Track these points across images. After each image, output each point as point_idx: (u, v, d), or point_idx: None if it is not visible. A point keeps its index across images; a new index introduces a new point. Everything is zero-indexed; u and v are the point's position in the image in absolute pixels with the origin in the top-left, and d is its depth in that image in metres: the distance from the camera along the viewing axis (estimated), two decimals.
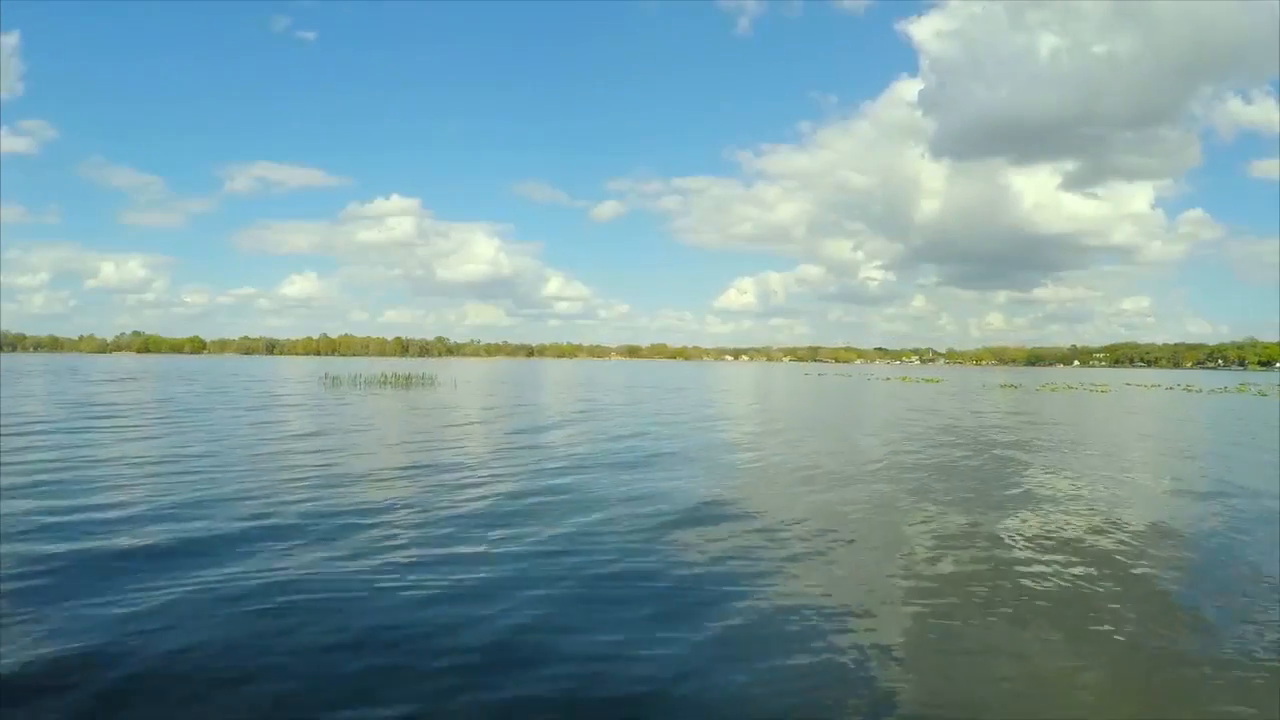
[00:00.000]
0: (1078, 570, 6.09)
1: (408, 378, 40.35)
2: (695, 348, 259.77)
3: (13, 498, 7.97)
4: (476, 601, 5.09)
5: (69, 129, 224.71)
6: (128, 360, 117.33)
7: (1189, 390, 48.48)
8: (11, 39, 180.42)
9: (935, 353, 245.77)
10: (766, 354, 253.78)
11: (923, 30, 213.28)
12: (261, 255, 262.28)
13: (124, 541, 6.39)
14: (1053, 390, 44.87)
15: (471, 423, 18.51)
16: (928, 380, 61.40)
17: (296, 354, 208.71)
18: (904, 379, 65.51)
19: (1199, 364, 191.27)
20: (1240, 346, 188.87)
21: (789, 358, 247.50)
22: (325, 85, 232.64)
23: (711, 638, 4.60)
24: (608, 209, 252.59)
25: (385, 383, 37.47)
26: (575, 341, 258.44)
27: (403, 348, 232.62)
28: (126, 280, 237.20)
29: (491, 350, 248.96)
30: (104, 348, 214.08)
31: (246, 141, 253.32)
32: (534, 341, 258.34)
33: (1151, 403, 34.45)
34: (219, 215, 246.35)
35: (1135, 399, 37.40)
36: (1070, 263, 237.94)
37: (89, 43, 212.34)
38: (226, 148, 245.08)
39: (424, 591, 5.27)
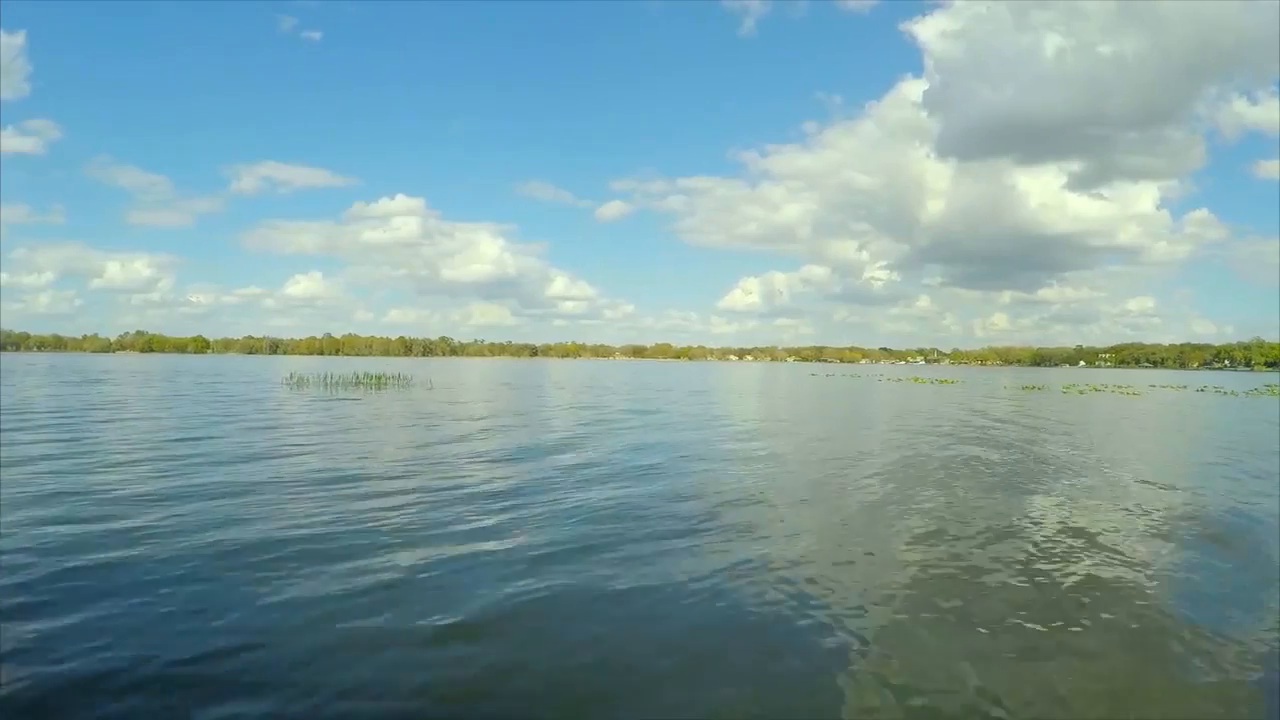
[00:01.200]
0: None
1: (380, 378, 37.91)
2: (700, 347, 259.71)
3: None
4: None
5: (75, 129, 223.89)
6: (122, 359, 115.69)
7: (1220, 392, 46.52)
8: (17, 39, 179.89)
9: (940, 353, 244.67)
10: (771, 354, 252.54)
11: (927, 30, 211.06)
12: (267, 255, 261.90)
13: None
14: (1080, 393, 42.89)
15: (416, 454, 12.34)
16: (943, 381, 59.45)
17: (300, 354, 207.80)
18: (916, 379, 63.49)
19: (1205, 364, 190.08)
20: (1246, 347, 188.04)
21: (793, 358, 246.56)
22: (331, 85, 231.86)
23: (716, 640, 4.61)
24: (613, 209, 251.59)
25: (358, 384, 35.07)
26: (580, 341, 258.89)
27: (406, 347, 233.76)
28: (132, 280, 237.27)
29: (496, 350, 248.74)
30: (107, 347, 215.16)
31: (252, 141, 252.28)
32: (539, 342, 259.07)
33: (1199, 407, 32.45)
34: (225, 215, 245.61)
35: (1174, 402, 35.43)
36: (1075, 263, 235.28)
37: (95, 43, 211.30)
38: (232, 148, 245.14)
39: None
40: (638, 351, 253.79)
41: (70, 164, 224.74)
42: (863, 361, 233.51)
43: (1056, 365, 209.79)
